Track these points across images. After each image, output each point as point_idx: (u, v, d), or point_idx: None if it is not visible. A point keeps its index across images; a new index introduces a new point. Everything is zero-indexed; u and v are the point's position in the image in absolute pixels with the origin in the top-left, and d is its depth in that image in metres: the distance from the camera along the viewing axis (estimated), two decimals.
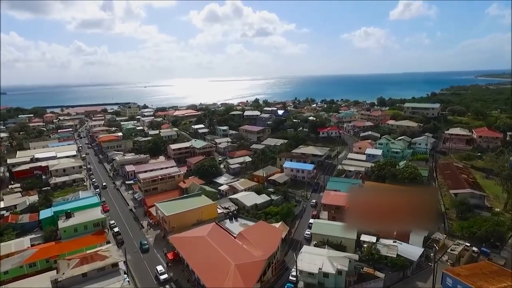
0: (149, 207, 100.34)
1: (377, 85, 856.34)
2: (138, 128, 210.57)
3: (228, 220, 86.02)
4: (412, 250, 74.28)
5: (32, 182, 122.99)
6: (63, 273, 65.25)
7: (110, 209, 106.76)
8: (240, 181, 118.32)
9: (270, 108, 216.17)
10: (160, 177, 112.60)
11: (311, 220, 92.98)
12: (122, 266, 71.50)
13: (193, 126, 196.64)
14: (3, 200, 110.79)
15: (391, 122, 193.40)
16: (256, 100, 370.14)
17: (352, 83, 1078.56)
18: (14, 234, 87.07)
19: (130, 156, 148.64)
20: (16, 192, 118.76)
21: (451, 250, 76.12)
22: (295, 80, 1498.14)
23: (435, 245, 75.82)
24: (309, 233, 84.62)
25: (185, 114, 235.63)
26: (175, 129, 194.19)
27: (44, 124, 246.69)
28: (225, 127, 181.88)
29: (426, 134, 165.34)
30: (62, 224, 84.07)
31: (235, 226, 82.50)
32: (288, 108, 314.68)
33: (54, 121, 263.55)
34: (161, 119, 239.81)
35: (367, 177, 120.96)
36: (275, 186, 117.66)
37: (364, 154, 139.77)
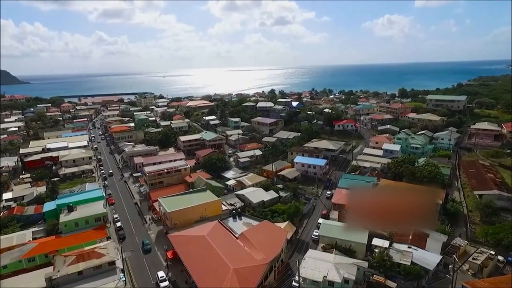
0: (154, 201, 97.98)
1: (400, 75, 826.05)
2: (150, 118, 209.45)
3: (231, 218, 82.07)
4: (429, 257, 68.02)
5: (41, 172, 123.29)
6: (58, 271, 63.69)
7: (116, 202, 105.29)
8: (248, 176, 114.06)
9: (284, 100, 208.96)
10: (166, 170, 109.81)
11: (320, 220, 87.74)
12: (119, 264, 69.28)
13: (204, 118, 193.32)
14: (12, 190, 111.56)
15: (412, 115, 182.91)
16: (272, 91, 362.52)
17: (373, 73, 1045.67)
18: (18, 226, 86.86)
19: (139, 148, 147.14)
20: (26, 182, 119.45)
21: (473, 258, 69.36)
22: (314, 70, 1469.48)
23: (454, 253, 69.26)
24: (317, 234, 79.60)
25: (198, 105, 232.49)
26: (187, 120, 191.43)
27: (60, 113, 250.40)
28: (237, 119, 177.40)
29: (449, 128, 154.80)
30: (63, 218, 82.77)
31: (238, 225, 78.49)
32: (305, 99, 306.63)
33: (70, 110, 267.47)
34: (174, 109, 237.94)
35: (383, 175, 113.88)
36: (285, 182, 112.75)
37: (381, 149, 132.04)
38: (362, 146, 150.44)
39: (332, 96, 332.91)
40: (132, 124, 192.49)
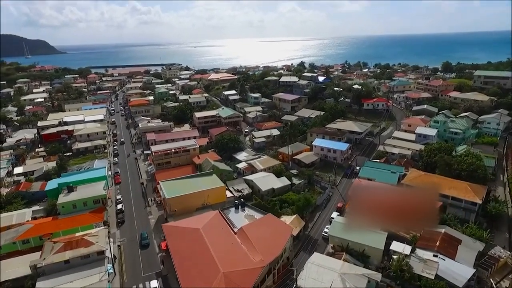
0: (158, 183, 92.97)
1: (446, 47, 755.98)
2: (171, 92, 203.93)
3: (234, 208, 74.83)
4: (459, 270, 57.24)
5: (55, 146, 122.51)
6: (44, 258, 60.49)
7: (122, 181, 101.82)
8: (261, 159, 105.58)
9: (309, 74, 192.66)
10: (173, 150, 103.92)
11: (334, 214, 78.40)
12: (113, 253, 65.22)
13: (224, 92, 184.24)
14: (25, 164, 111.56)
15: (454, 94, 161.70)
16: (302, 64, 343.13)
17: (415, 44, 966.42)
18: (23, 204, 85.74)
19: (153, 123, 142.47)
20: (40, 156, 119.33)
21: None
22: (351, 41, 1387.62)
23: (492, 266, 57.85)
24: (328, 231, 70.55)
25: (220, 78, 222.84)
26: (206, 94, 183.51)
27: (85, 85, 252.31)
28: (257, 95, 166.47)
29: (499, 111, 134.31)
30: (61, 198, 79.88)
31: (240, 217, 71.17)
32: (335, 73, 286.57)
33: (96, 82, 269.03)
34: (195, 83, 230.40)
35: (413, 163, 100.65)
36: (301, 167, 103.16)
37: (414, 133, 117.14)
38: (392, 129, 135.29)
39: (366, 69, 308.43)
40: (151, 98, 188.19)
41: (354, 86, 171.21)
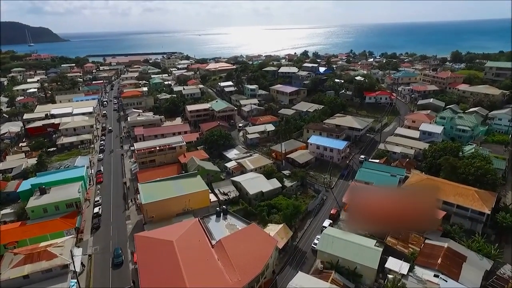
0: (142, 182, 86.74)
1: (457, 35, 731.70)
2: (166, 82, 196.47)
3: (215, 216, 68.40)
4: None
5: (39, 141, 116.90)
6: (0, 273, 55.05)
7: (104, 181, 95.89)
8: (251, 158, 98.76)
9: (310, 65, 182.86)
10: (158, 148, 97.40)
11: (326, 223, 71.68)
12: (74, 266, 59.40)
13: (219, 84, 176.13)
14: (4, 160, 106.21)
15: (463, 87, 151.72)
16: (305, 53, 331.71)
17: (425, 32, 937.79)
18: None
19: (144, 116, 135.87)
20: (23, 151, 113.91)
21: None
22: (360, 29, 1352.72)
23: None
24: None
25: (218, 68, 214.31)
26: (201, 86, 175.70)
27: (81, 74, 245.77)
28: (254, 86, 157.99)
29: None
30: (32, 202, 74.22)
31: (220, 227, 64.77)
32: (340, 62, 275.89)
33: (93, 71, 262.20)
34: (192, 73, 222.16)
35: (415, 164, 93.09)
36: (294, 167, 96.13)
37: (418, 130, 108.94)
38: (395, 125, 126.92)
39: (372, 59, 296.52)
40: (145, 89, 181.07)
41: (356, 78, 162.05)
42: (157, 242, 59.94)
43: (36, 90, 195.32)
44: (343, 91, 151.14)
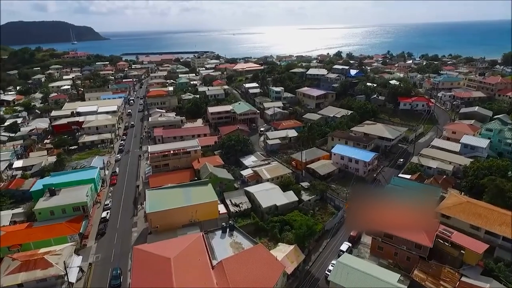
0: (153, 187, 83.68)
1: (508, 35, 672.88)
2: (193, 82, 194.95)
3: (221, 231, 63.04)
4: None
5: (61, 139, 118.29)
6: None
7: (118, 183, 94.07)
8: (269, 166, 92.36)
9: (340, 67, 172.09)
10: (172, 151, 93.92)
11: (344, 246, 63.86)
12: (73, 274, 56.65)
13: (244, 85, 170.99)
14: (27, 157, 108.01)
15: None
16: (338, 53, 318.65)
17: (474, 32, 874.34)
18: (9, 203, 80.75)
19: (165, 117, 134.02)
20: (46, 149, 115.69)
21: None
22: (401, 29, 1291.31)
23: None
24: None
25: (246, 69, 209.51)
26: (226, 86, 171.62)
27: (113, 72, 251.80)
28: (279, 88, 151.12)
29: None
30: (39, 204, 73.22)
31: (225, 245, 59.24)
32: (375, 64, 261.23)
33: (125, 70, 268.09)
34: (219, 73, 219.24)
35: (453, 181, 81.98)
36: (315, 179, 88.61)
37: (459, 142, 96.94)
38: (432, 135, 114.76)
39: (411, 61, 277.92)
40: (171, 88, 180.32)
41: (390, 82, 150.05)
42: (154, 258, 55.46)
43: (69, 87, 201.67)
44: (375, 95, 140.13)
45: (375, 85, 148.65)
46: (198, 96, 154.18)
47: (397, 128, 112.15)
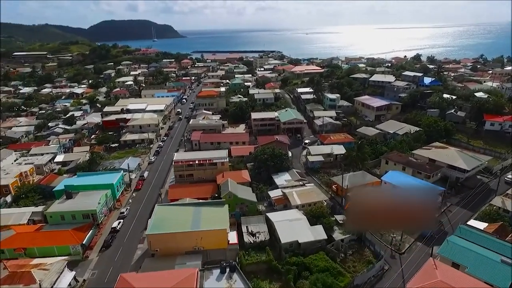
0: (172, 200, 77.34)
1: None
2: (246, 83, 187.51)
3: (219, 271, 52.57)
4: None
5: (104, 135, 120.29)
6: None
7: (142, 189, 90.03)
8: (301, 189, 78.83)
9: (412, 74, 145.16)
10: (197, 162, 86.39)
11: None
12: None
13: (297, 89, 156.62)
14: (71, 152, 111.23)
15: None
16: (417, 57, 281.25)
17: None
18: (38, 199, 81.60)
19: (207, 120, 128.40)
20: (90, 144, 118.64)
21: None
22: (504, 28, 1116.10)
23: None
24: None
25: (304, 71, 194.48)
26: (277, 90, 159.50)
27: (176, 70, 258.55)
28: (334, 96, 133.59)
29: None
30: (52, 206, 71.69)
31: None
32: (462, 70, 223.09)
33: (187, 67, 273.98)
34: (276, 75, 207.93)
35: None
36: None
37: None
38: None
39: (510, 68, 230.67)
40: (223, 89, 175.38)
41: (476, 94, 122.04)
42: None
43: (132, 83, 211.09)
44: (453, 110, 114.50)
45: (454, 97, 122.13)
46: (245, 99, 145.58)
47: (476, 155, 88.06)
